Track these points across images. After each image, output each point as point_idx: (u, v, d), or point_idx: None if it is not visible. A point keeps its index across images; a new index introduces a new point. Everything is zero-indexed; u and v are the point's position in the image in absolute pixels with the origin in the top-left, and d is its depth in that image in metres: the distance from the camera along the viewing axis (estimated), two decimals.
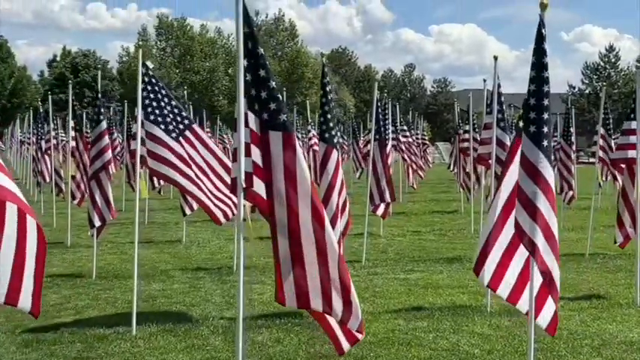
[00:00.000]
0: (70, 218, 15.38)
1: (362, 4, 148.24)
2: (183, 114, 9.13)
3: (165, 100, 8.95)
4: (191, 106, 22.02)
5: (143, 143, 8.95)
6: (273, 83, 5.42)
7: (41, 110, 21.93)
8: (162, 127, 8.85)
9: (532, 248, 5.78)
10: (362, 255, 13.69)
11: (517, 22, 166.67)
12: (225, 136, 36.71)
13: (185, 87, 60.71)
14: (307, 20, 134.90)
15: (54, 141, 19.40)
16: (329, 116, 9.19)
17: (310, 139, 23.77)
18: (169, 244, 15.90)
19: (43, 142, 20.64)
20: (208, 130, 33.42)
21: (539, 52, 5.85)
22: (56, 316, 9.41)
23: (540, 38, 5.83)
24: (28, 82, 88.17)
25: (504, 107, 10.19)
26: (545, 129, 5.82)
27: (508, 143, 10.17)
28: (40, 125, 21.98)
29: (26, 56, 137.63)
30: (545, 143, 5.82)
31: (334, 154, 9.10)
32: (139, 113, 8.64)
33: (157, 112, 8.84)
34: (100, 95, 11.74)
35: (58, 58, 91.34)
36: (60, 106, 49.09)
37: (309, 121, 25.76)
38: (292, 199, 5.38)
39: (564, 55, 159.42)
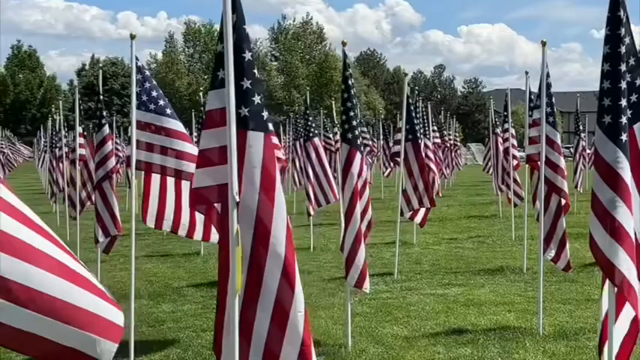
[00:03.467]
0: (81, 231, 14.38)
1: (390, 7, 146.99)
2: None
3: (155, 91, 7.84)
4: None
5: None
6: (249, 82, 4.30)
7: (55, 118, 21.05)
8: (169, 111, 7.74)
9: (611, 273, 4.53)
10: (394, 267, 12.44)
11: (546, 20, 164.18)
12: None
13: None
14: (335, 24, 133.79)
15: (65, 149, 18.43)
16: (352, 114, 8.01)
17: (337, 142, 22.59)
18: (186, 258, 14.79)
19: (57, 151, 19.76)
20: None
21: (615, 22, 4.60)
22: None
23: (616, 3, 4.58)
24: (57, 92, 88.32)
25: (553, 100, 8.91)
26: (624, 119, 4.58)
27: (559, 142, 8.89)
28: (55, 134, 21.12)
29: (58, 66, 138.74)
30: (623, 137, 4.57)
31: (358, 157, 7.94)
32: (134, 115, 7.52)
33: (161, 101, 7.74)
34: (102, 97, 10.70)
35: (87, 67, 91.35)
36: (89, 114, 48.57)
37: (336, 123, 24.62)
38: (266, 216, 4.22)
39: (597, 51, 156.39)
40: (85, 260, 12.38)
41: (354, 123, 8.01)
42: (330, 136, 27.45)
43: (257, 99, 4.33)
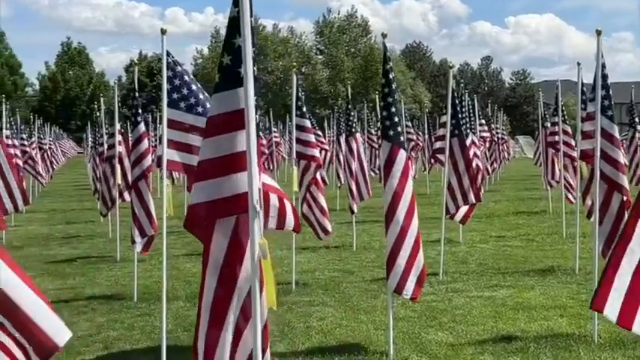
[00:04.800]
0: (122, 228, 14.23)
1: None
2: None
3: (193, 86, 7.51)
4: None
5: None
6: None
7: (97, 114, 20.97)
8: (200, 109, 7.41)
9: None
10: (439, 267, 11.96)
11: (596, 9, 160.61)
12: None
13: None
14: (381, 16, 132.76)
15: (106, 146, 18.27)
16: (393, 110, 7.59)
17: (379, 137, 22.14)
18: None
19: (99, 148, 19.66)
20: (275, 131, 32.16)
21: None
22: (80, 351, 8.09)
23: None
24: (105, 88, 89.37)
25: (611, 93, 8.34)
26: None
27: (617, 135, 8.34)
28: (97, 130, 21.07)
29: (108, 63, 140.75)
30: None
31: (401, 155, 7.51)
32: (164, 113, 7.23)
33: (192, 99, 7.41)
34: (137, 94, 10.44)
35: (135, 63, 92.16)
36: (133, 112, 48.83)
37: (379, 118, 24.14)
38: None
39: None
40: (124, 259, 12.20)
41: (396, 119, 7.60)
42: (372, 131, 27.04)
43: None
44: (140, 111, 10.38)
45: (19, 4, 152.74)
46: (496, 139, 30.06)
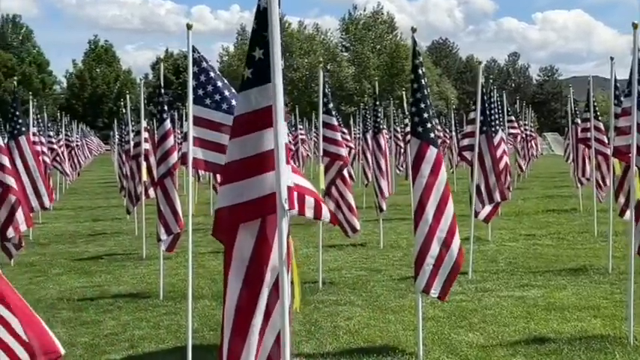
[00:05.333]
0: (149, 226, 14.19)
1: None
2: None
3: (219, 83, 7.38)
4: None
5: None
6: None
7: (124, 111, 20.98)
8: (225, 107, 7.29)
9: None
10: (468, 266, 11.71)
11: (625, 5, 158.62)
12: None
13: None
14: (407, 13, 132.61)
15: (132, 143, 18.25)
16: (422, 105, 7.41)
17: (408, 133, 21.93)
18: None
19: (125, 145, 19.68)
20: (301, 128, 32.04)
21: None
22: (106, 350, 8.02)
23: None
24: (132, 86, 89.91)
25: None
26: None
27: None
28: (123, 127, 21.09)
29: (134, 60, 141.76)
30: None
31: (430, 152, 7.32)
32: (190, 110, 7.12)
33: (217, 95, 7.28)
34: (163, 91, 10.35)
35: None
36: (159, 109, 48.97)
37: (407, 115, 23.94)
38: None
39: None
40: (150, 256, 12.11)
41: (426, 115, 7.41)
42: (398, 129, 26.81)
43: None
44: (166, 108, 10.30)
45: (47, 3, 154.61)
46: (524, 135, 29.71)
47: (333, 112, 11.95)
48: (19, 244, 10.35)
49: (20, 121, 12.17)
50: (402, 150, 25.25)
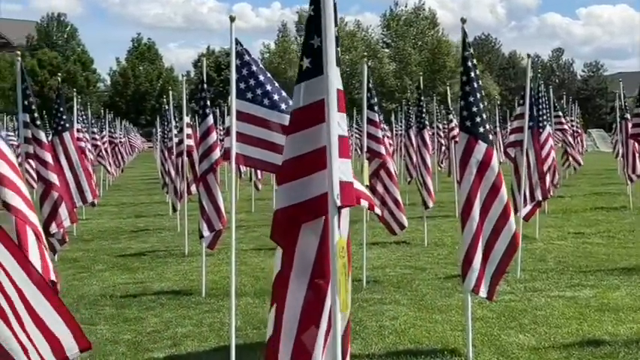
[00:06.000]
0: (191, 223, 14.12)
1: None
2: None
3: (261, 77, 7.20)
4: None
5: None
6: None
7: (166, 108, 21.01)
8: (266, 102, 7.11)
9: None
10: (517, 264, 11.38)
11: None
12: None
13: None
14: (448, 9, 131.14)
15: (176, 140, 18.24)
16: (471, 99, 7.16)
17: (452, 129, 21.59)
18: None
19: (168, 142, 19.67)
20: None
21: None
22: (149, 348, 7.93)
23: None
24: (174, 83, 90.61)
25: None
26: None
27: None
28: (166, 124, 21.12)
29: (176, 58, 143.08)
30: None
31: (479, 147, 7.06)
32: (233, 104, 6.97)
33: (258, 90, 7.11)
34: (205, 86, 10.25)
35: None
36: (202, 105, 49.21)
37: (451, 110, 23.59)
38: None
39: None
40: (192, 253, 12.00)
41: (474, 109, 7.16)
42: (440, 125, 26.45)
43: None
44: (208, 103, 10.20)
45: (91, 2, 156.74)
46: (571, 132, 29.06)
47: (376, 108, 11.74)
48: (63, 240, 10.34)
49: (64, 117, 12.16)
50: (445, 147, 24.91)
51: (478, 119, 7.18)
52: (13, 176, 5.79)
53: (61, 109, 12.11)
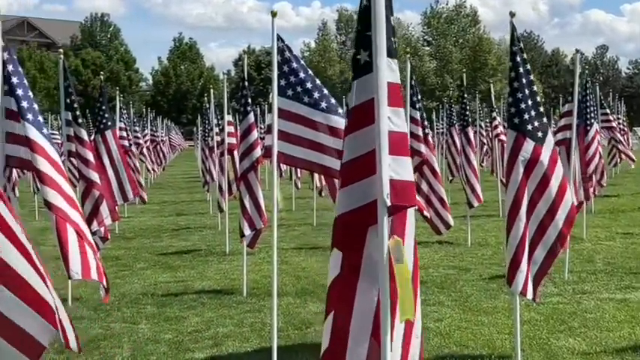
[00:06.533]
0: (231, 221, 14.06)
1: None
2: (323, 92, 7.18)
3: (302, 74, 7.07)
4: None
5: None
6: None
7: (207, 106, 21.04)
8: (307, 99, 6.97)
9: None
10: (564, 265, 11.08)
11: None
12: None
13: None
14: (490, 6, 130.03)
15: (218, 138, 18.23)
16: (519, 95, 6.89)
17: (495, 127, 21.25)
18: None
19: (209, 140, 19.70)
20: None
21: None
22: (190, 348, 7.84)
23: None
24: (215, 82, 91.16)
25: None
26: None
27: None
28: (207, 123, 21.15)
29: (217, 57, 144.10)
30: None
31: (527, 144, 6.80)
32: (275, 101, 6.85)
33: (298, 87, 6.98)
34: (246, 83, 10.15)
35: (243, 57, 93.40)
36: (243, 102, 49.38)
37: (494, 108, 23.20)
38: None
39: None
40: (233, 252, 11.89)
41: (523, 106, 6.91)
42: (483, 124, 26.04)
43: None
44: (249, 101, 10.10)
45: (134, 2, 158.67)
46: (618, 130, 28.44)
47: (417, 106, 11.54)
48: (105, 238, 10.33)
49: (107, 115, 12.17)
50: (488, 146, 24.54)
51: (527, 116, 6.93)
52: (55, 175, 5.76)
53: (103, 107, 12.11)
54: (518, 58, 7.00)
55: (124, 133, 19.39)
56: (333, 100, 7.07)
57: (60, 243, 6.22)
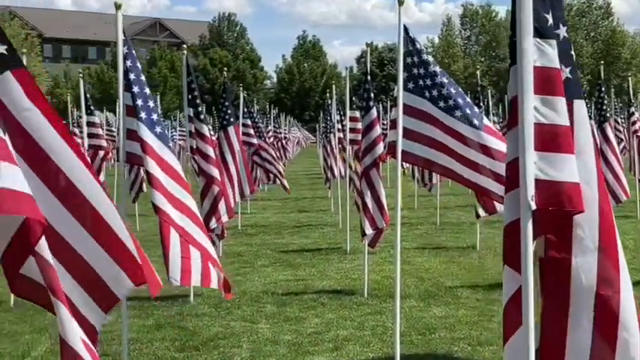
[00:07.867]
0: (352, 219, 13.77)
1: None
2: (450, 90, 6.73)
3: (423, 69, 6.67)
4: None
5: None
6: None
7: (328, 102, 20.87)
8: (428, 94, 6.57)
9: None
10: None
11: None
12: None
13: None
14: None
15: (340, 135, 18.00)
16: None
17: (634, 123, 19.96)
18: (461, 252, 13.53)
19: (331, 137, 19.55)
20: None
21: None
22: (309, 351, 7.60)
23: None
24: (337, 79, 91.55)
25: None
26: None
27: None
28: (329, 120, 20.98)
29: (340, 54, 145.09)
30: None
31: None
32: (400, 95, 6.48)
33: (420, 80, 6.59)
34: (369, 77, 9.83)
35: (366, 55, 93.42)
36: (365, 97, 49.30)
37: (633, 103, 21.80)
38: None
39: None
40: (354, 250, 11.56)
41: None
42: (619, 119, 24.57)
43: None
44: (372, 95, 9.78)
45: (260, 2, 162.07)
46: None
47: None
48: (222, 235, 10.29)
49: (229, 111, 12.18)
50: (625, 142, 23.13)
51: None
52: (162, 176, 5.67)
53: (226, 103, 12.13)
54: None
55: (251, 131, 19.49)
56: (460, 100, 6.62)
57: (163, 247, 6.18)
